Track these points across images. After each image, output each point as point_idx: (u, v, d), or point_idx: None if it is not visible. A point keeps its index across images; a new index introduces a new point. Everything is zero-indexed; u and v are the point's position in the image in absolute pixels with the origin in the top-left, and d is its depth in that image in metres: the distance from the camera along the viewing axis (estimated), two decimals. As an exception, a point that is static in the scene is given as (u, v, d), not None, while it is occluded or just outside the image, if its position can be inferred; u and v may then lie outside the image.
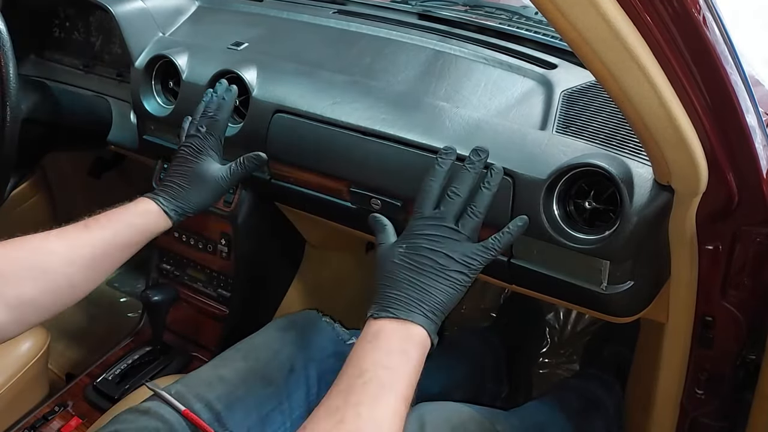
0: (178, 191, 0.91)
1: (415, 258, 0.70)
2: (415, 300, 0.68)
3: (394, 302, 0.68)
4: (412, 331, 0.67)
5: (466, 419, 0.91)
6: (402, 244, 0.72)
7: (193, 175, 0.92)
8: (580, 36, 0.56)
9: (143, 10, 1.24)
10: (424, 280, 0.69)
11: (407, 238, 0.72)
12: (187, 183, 0.92)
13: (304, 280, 1.36)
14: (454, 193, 0.72)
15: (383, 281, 0.70)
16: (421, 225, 0.72)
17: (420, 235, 0.71)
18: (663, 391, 0.99)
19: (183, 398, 0.86)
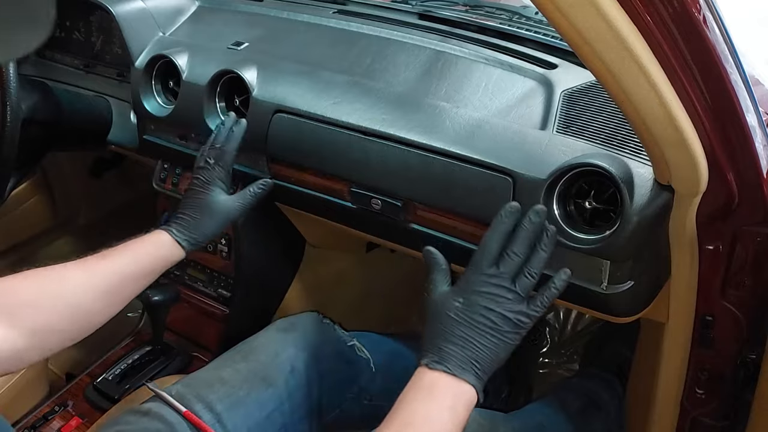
0: (190, 222, 0.93)
1: (473, 316, 0.70)
2: (470, 359, 0.69)
3: (451, 358, 0.69)
4: (464, 389, 0.68)
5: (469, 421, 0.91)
6: (459, 298, 0.71)
7: (203, 206, 0.95)
8: (580, 36, 0.56)
9: (143, 10, 1.24)
10: (481, 340, 0.69)
11: (465, 292, 0.71)
12: (198, 214, 0.94)
13: (304, 279, 1.36)
14: (514, 253, 0.71)
15: (437, 332, 0.70)
16: (480, 282, 0.71)
17: (479, 293, 0.70)
18: (663, 390, 0.99)
19: (184, 399, 0.86)
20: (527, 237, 0.71)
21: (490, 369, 0.71)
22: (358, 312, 1.47)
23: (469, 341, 0.69)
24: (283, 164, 1.06)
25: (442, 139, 0.90)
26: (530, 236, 0.71)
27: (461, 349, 0.69)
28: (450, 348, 0.69)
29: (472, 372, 0.69)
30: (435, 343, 0.70)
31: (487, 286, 0.70)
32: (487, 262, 0.71)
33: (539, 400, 1.18)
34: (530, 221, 0.71)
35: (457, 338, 0.69)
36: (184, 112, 1.14)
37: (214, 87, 1.10)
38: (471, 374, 0.69)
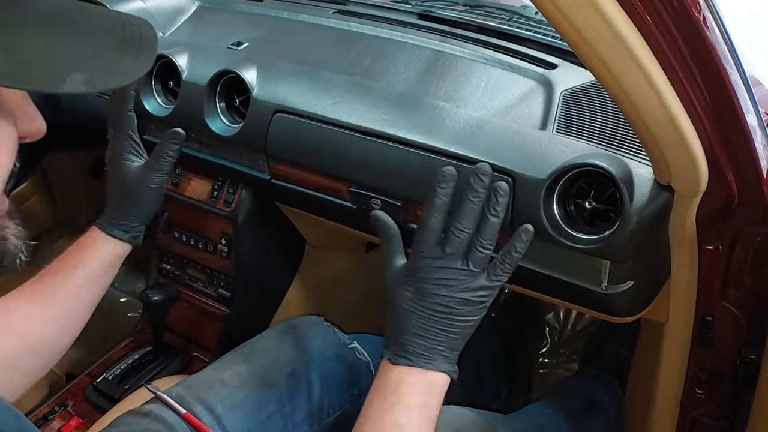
0: (115, 209, 0.87)
1: (428, 306, 0.65)
2: (432, 348, 0.65)
3: (413, 350, 0.65)
4: (434, 380, 0.65)
5: (468, 423, 0.91)
6: (410, 287, 0.66)
7: (119, 185, 0.88)
8: (580, 36, 0.56)
9: (143, 10, 1.24)
10: (441, 327, 0.65)
11: (414, 280, 0.66)
12: (119, 196, 0.88)
13: (304, 279, 1.36)
14: (458, 229, 0.64)
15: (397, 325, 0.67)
16: (428, 268, 0.65)
17: (428, 280, 0.65)
18: (663, 390, 0.99)
19: (184, 401, 0.86)
20: (473, 209, 0.64)
21: (458, 347, 0.67)
22: (358, 312, 1.47)
23: (429, 330, 0.65)
24: (283, 164, 1.06)
25: (442, 139, 0.90)
26: (477, 207, 0.64)
27: (423, 339, 0.65)
28: (411, 339, 0.65)
29: (439, 358, 0.65)
30: (395, 335, 0.66)
31: (438, 271, 0.64)
32: (430, 244, 0.65)
33: (539, 401, 1.18)
34: (472, 189, 0.63)
35: (416, 329, 0.65)
36: (184, 112, 1.14)
37: (214, 87, 1.10)
38: (438, 361, 0.65)
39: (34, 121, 0.53)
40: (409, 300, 0.66)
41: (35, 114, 0.53)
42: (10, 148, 0.50)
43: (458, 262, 0.64)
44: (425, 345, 0.65)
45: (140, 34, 0.51)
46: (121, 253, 0.88)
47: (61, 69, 0.46)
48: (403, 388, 0.64)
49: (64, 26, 0.47)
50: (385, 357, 0.67)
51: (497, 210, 0.64)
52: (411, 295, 0.66)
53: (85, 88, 0.47)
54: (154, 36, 0.52)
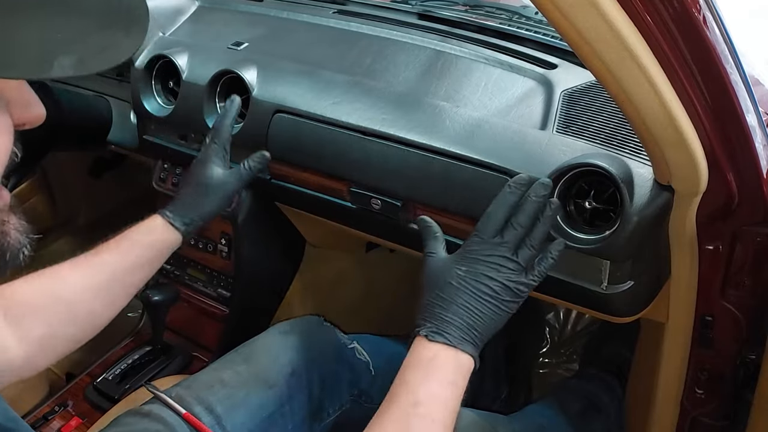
0: (184, 202, 0.91)
1: (475, 284, 0.70)
2: (469, 327, 0.69)
3: (450, 327, 0.68)
4: (463, 361, 0.68)
5: (468, 424, 0.91)
6: (461, 266, 0.71)
7: (198, 183, 0.92)
8: (580, 36, 0.56)
9: (143, 10, 1.24)
10: (481, 308, 0.69)
11: (467, 261, 0.71)
12: (193, 193, 0.92)
13: (304, 279, 1.36)
14: (518, 224, 0.71)
15: (438, 301, 0.70)
16: (483, 250, 0.71)
17: (481, 261, 0.70)
18: (663, 390, 0.99)
19: (184, 401, 0.86)
20: (532, 209, 0.71)
21: (487, 337, 0.71)
22: (358, 312, 1.47)
23: (471, 309, 0.69)
24: (283, 164, 1.06)
25: (442, 139, 0.90)
26: (535, 209, 0.71)
27: (462, 318, 0.69)
28: (450, 317, 0.69)
29: (471, 341, 0.69)
30: (434, 313, 0.70)
31: (491, 256, 0.70)
32: (492, 230, 0.71)
33: (539, 402, 1.18)
34: (536, 194, 0.71)
35: (459, 306, 0.69)
36: (184, 112, 1.14)
37: (214, 87, 1.10)
38: (470, 344, 0.69)
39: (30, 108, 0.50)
40: (458, 277, 0.70)
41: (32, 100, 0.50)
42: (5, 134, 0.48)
43: (510, 252, 0.71)
44: (463, 324, 0.69)
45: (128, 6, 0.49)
46: (174, 243, 0.89)
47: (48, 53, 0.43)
48: (437, 364, 0.67)
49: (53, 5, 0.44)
50: (421, 334, 0.69)
51: (547, 219, 0.72)
52: (462, 272, 0.70)
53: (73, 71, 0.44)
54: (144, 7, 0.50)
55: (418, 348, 0.69)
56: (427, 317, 0.70)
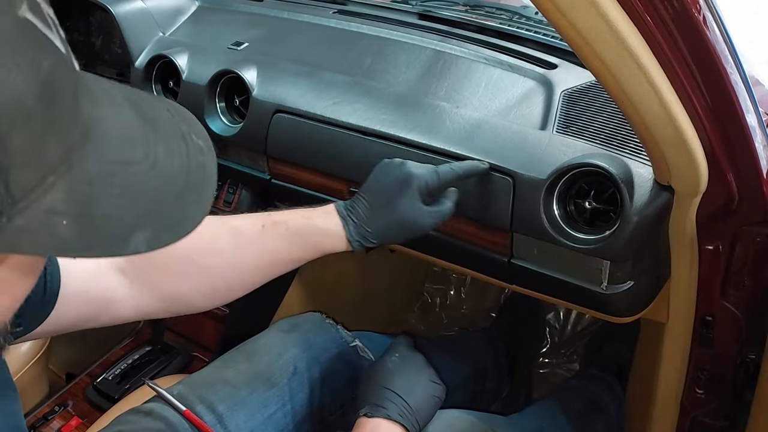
0: (373, 223, 0.79)
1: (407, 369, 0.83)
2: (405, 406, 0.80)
3: (390, 405, 0.79)
4: None
5: (468, 426, 0.91)
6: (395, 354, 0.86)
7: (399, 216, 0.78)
8: (580, 36, 0.56)
9: (143, 10, 1.24)
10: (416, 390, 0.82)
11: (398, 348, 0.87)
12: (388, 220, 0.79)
13: (304, 279, 1.36)
14: None
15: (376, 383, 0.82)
16: None
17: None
18: (663, 390, 0.99)
19: (185, 400, 0.86)
20: None
21: (423, 419, 0.82)
22: (358, 312, 1.47)
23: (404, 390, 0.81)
24: (283, 164, 1.06)
25: (442, 139, 0.90)
26: None
27: (400, 397, 0.80)
28: (388, 396, 0.80)
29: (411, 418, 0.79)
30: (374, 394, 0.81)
31: None
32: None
33: (539, 403, 1.18)
34: None
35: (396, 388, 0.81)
36: (184, 112, 1.14)
37: (214, 87, 1.10)
38: (409, 420, 0.79)
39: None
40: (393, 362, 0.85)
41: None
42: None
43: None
44: (401, 401, 0.80)
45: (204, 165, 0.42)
46: (338, 251, 0.80)
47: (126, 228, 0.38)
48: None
49: None
50: (360, 414, 0.80)
51: None
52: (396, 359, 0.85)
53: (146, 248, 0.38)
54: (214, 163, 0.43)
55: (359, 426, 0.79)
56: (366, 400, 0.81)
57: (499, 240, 0.89)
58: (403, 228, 0.79)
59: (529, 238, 0.85)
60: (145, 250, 0.38)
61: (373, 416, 0.78)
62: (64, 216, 0.35)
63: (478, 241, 0.91)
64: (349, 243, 0.78)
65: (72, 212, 0.35)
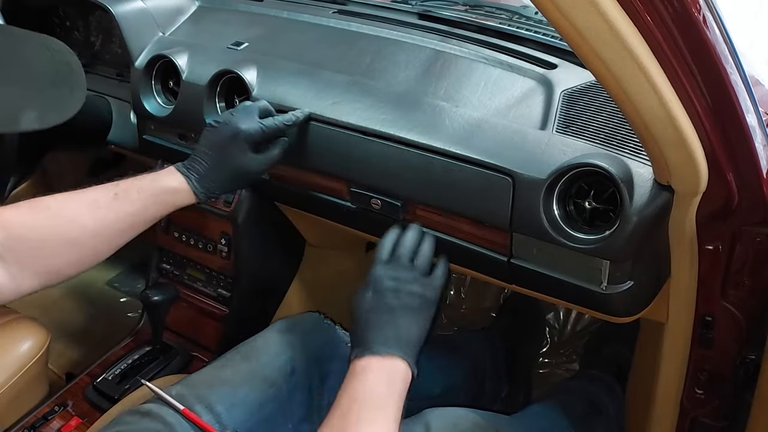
0: (211, 174, 0.89)
1: (383, 301, 0.78)
2: (391, 338, 0.75)
3: (373, 343, 0.75)
4: (395, 366, 0.74)
5: (471, 425, 0.91)
6: (369, 290, 0.80)
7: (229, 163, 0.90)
8: (580, 35, 0.56)
9: (143, 10, 1.24)
10: (397, 320, 0.77)
11: (371, 283, 0.80)
12: (222, 169, 0.89)
13: (304, 279, 1.36)
14: (404, 240, 0.84)
15: (359, 327, 0.78)
16: (382, 270, 0.81)
17: (383, 279, 0.80)
18: (663, 390, 0.99)
19: (184, 399, 0.86)
20: (416, 228, 0.86)
21: (414, 342, 0.77)
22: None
23: (387, 322, 0.77)
24: (282, 164, 1.06)
25: (442, 139, 0.90)
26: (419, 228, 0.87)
27: (380, 332, 0.76)
28: (371, 335, 0.76)
29: (397, 347, 0.75)
30: (357, 336, 0.78)
31: (389, 271, 0.81)
32: (384, 253, 0.83)
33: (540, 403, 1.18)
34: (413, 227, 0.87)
35: (374, 324, 0.77)
36: (184, 112, 1.14)
37: (214, 87, 1.10)
38: (396, 349, 0.74)
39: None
40: (367, 301, 0.79)
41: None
42: None
43: (406, 263, 0.82)
44: (383, 336, 0.76)
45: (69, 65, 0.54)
46: (186, 204, 0.89)
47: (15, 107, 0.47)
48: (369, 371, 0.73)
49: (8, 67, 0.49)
50: (351, 359, 0.76)
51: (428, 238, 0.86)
52: (370, 296, 0.80)
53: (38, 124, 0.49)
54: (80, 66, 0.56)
55: (350, 368, 0.75)
56: (353, 344, 0.78)
57: (499, 240, 0.89)
58: (238, 175, 0.90)
59: (528, 238, 0.85)
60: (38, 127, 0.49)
61: (361, 356, 0.75)
62: None
63: (477, 241, 0.91)
64: (195, 195, 0.88)
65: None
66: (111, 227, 0.83)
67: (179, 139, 1.18)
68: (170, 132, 1.19)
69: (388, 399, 0.71)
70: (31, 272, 0.78)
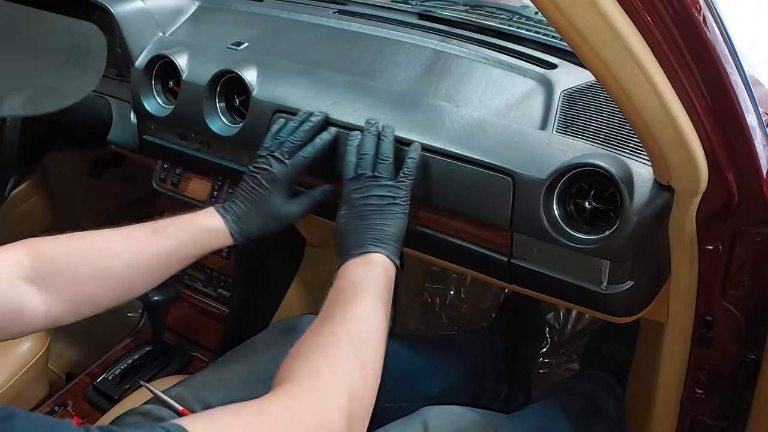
0: (248, 216, 0.90)
1: (354, 210, 0.83)
2: (366, 238, 0.81)
3: (349, 248, 0.80)
4: (372, 258, 0.79)
5: (470, 423, 0.91)
6: (343, 208, 0.85)
7: (264, 204, 0.91)
8: (580, 36, 0.56)
9: (143, 10, 1.24)
10: (366, 221, 0.82)
11: (344, 202, 0.85)
12: (258, 212, 0.91)
13: (304, 279, 1.36)
14: (363, 153, 0.86)
15: (340, 240, 0.83)
16: (349, 185, 0.85)
17: (350, 193, 0.84)
18: (663, 390, 0.99)
19: (183, 401, 0.86)
20: (369, 138, 0.88)
21: (389, 238, 0.81)
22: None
23: (359, 227, 0.82)
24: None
25: (442, 139, 0.90)
26: (372, 136, 0.88)
27: (355, 237, 0.81)
28: (347, 242, 0.81)
29: (372, 244, 0.80)
30: (339, 250, 0.82)
31: (355, 184, 0.85)
32: (349, 171, 0.86)
33: (540, 402, 1.18)
34: (366, 129, 0.89)
35: (351, 232, 0.82)
36: (184, 112, 1.14)
37: (214, 87, 1.10)
38: (373, 246, 0.80)
39: None
40: (342, 216, 0.84)
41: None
42: None
43: (368, 173, 0.85)
44: (357, 240, 0.81)
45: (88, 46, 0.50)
46: (223, 246, 0.90)
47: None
48: (348, 268, 0.79)
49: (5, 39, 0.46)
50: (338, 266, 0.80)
51: (386, 136, 0.88)
52: (344, 212, 0.84)
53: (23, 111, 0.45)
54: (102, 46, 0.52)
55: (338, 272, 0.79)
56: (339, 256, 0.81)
57: (499, 240, 0.89)
58: (276, 220, 0.93)
59: (528, 238, 0.85)
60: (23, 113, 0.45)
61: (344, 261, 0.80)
62: None
63: (477, 241, 0.91)
64: (232, 237, 0.90)
65: None
66: (145, 261, 0.83)
67: (179, 139, 1.18)
68: (170, 132, 1.19)
69: (368, 282, 0.76)
70: (62, 299, 0.78)
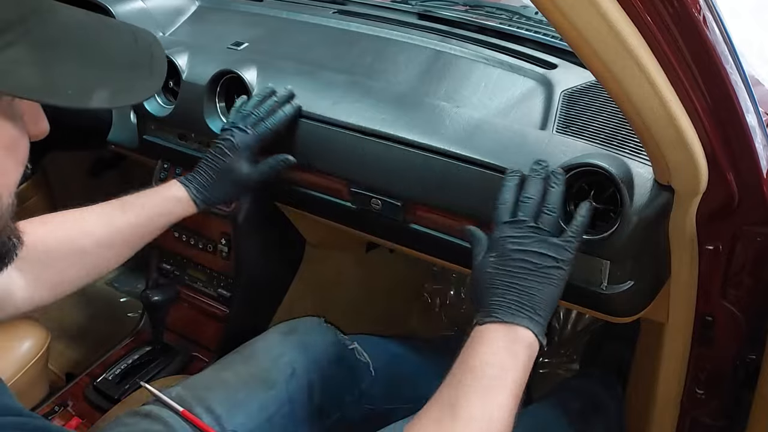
0: (209, 183, 0.95)
1: (508, 262, 0.72)
2: (516, 303, 0.70)
3: (497, 308, 0.70)
4: (519, 334, 0.69)
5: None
6: (492, 254, 0.73)
7: (226, 170, 0.95)
8: (580, 36, 0.56)
9: (143, 10, 1.24)
10: (522, 282, 0.71)
11: (495, 247, 0.74)
12: (218, 177, 0.95)
13: (304, 279, 1.36)
14: (527, 197, 0.75)
15: (482, 292, 0.72)
16: (503, 230, 0.74)
17: (506, 240, 0.73)
18: (663, 390, 0.99)
19: (183, 401, 0.86)
20: (537, 182, 0.76)
21: (543, 309, 0.70)
22: (358, 312, 1.47)
23: (512, 286, 0.70)
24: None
25: (442, 139, 0.90)
26: (540, 181, 0.76)
27: (506, 297, 0.70)
28: (495, 300, 0.70)
29: (523, 315, 0.69)
30: (481, 302, 0.72)
31: (512, 231, 0.73)
32: (505, 214, 0.75)
33: (540, 402, 1.18)
34: (534, 170, 0.77)
35: (499, 288, 0.71)
36: (184, 112, 1.14)
37: (214, 87, 1.10)
38: (522, 317, 0.69)
39: (39, 123, 0.56)
40: (491, 264, 0.73)
41: (41, 116, 0.56)
42: (24, 152, 0.54)
43: (530, 222, 0.73)
44: (508, 301, 0.70)
45: (151, 52, 0.57)
46: (186, 215, 0.95)
47: (87, 85, 0.49)
48: (488, 338, 0.69)
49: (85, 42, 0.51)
50: (474, 324, 0.71)
51: (557, 183, 0.76)
52: (494, 258, 0.73)
53: (108, 103, 0.51)
54: (163, 54, 0.58)
55: (472, 335, 0.70)
56: (476, 309, 0.72)
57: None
58: (237, 186, 0.97)
59: (529, 238, 0.85)
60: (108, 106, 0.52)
61: (483, 323, 0.70)
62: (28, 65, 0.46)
63: (478, 241, 0.91)
64: (195, 204, 0.94)
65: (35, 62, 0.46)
66: (118, 236, 0.88)
67: (179, 139, 1.18)
68: (170, 132, 1.19)
69: (507, 369, 0.68)
70: (43, 282, 0.82)
